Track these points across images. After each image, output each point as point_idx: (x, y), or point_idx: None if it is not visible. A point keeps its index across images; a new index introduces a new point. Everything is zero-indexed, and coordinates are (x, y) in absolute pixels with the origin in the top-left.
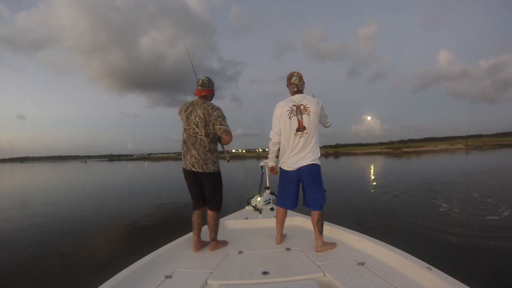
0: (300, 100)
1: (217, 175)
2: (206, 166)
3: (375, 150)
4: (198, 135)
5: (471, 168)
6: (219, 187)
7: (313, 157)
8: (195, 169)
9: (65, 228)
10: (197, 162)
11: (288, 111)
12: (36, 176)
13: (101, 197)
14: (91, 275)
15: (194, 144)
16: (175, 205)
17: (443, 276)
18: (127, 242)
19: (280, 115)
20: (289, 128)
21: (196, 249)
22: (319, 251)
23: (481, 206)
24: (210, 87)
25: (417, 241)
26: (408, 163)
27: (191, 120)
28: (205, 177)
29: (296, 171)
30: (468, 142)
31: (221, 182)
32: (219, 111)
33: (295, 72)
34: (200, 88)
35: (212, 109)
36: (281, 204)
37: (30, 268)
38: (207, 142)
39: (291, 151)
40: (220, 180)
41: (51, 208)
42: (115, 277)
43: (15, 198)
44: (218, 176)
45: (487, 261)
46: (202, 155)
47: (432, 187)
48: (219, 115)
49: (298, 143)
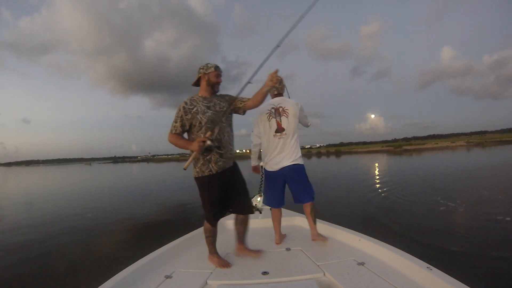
0: (279, 102)
1: (196, 181)
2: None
3: (376, 148)
4: None
5: (470, 166)
6: (201, 196)
7: (294, 157)
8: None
9: (69, 230)
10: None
11: (267, 114)
12: (40, 179)
13: (104, 199)
14: (91, 276)
15: None
16: (177, 205)
17: (443, 276)
18: (128, 243)
19: (259, 118)
20: (269, 130)
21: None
22: (315, 239)
23: (481, 205)
24: (199, 73)
25: (417, 241)
26: (407, 161)
27: None
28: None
29: (279, 171)
30: (470, 139)
31: (201, 195)
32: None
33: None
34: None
35: None
36: (268, 202)
37: (33, 269)
38: None
39: (272, 152)
40: (200, 189)
41: (55, 210)
42: (115, 277)
43: (20, 201)
44: (198, 183)
45: (487, 261)
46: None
47: (430, 185)
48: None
49: (278, 144)
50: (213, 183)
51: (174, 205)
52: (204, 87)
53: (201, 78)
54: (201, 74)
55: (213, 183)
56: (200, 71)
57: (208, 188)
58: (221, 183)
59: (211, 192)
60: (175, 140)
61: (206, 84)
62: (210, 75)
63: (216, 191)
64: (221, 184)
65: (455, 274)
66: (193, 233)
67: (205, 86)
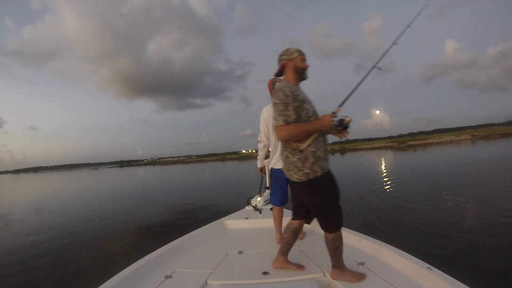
0: None
1: (306, 185)
2: (289, 174)
3: (381, 144)
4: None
5: (470, 160)
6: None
7: None
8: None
9: (73, 232)
10: (283, 167)
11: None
12: (48, 185)
13: (108, 202)
14: (91, 276)
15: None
16: (177, 206)
17: (443, 276)
18: (129, 243)
19: (267, 118)
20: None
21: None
22: (302, 238)
23: (481, 204)
24: (282, 60)
25: (417, 241)
26: (410, 157)
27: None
28: (294, 187)
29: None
30: (476, 132)
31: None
32: (276, 95)
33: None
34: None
35: (273, 94)
36: (275, 201)
37: (34, 269)
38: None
39: (277, 151)
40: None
41: (62, 215)
42: (115, 277)
43: (29, 207)
44: (309, 187)
45: (487, 261)
46: (283, 157)
47: (433, 181)
48: (274, 102)
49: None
50: (333, 181)
51: (175, 206)
52: (292, 76)
53: (285, 66)
54: (284, 62)
55: (334, 180)
56: (282, 58)
57: (331, 187)
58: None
59: (336, 191)
60: (295, 129)
61: (294, 72)
62: (296, 61)
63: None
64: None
65: (455, 274)
66: (193, 233)
67: (293, 74)
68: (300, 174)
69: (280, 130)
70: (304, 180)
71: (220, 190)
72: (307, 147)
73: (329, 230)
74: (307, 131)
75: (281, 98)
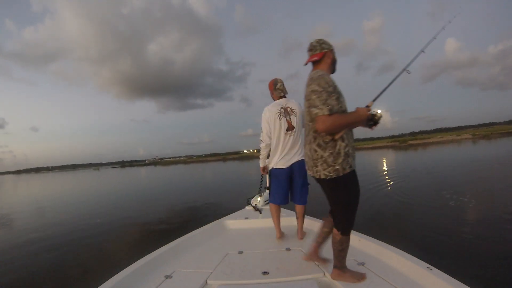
0: (286, 103)
1: (334, 182)
2: (316, 169)
3: (382, 144)
4: (309, 122)
5: (473, 160)
6: (341, 199)
7: (302, 153)
8: (308, 170)
9: (78, 232)
10: (308, 161)
11: (277, 113)
12: (50, 185)
13: (111, 203)
14: (91, 276)
15: (306, 136)
16: (177, 206)
17: (443, 276)
18: (129, 243)
19: (269, 118)
20: (279, 128)
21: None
22: (302, 238)
23: (481, 204)
24: (324, 49)
25: (417, 241)
26: (411, 156)
27: (304, 103)
28: (319, 182)
29: (288, 168)
30: (477, 131)
31: (347, 192)
32: (316, 82)
33: (278, 78)
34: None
35: (310, 81)
36: (275, 201)
37: (35, 268)
38: (317, 132)
39: (282, 150)
40: (341, 191)
41: (63, 215)
42: (115, 277)
43: (31, 207)
44: (336, 184)
45: (487, 261)
46: (310, 152)
47: (433, 180)
48: (314, 90)
49: (288, 141)
50: (357, 181)
51: (175, 206)
52: (327, 67)
53: (325, 54)
54: (326, 50)
55: (357, 182)
56: (323, 46)
57: (355, 187)
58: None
59: (358, 191)
60: (338, 119)
61: (331, 63)
62: (334, 52)
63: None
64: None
65: (455, 274)
66: (193, 233)
67: (329, 65)
68: (330, 170)
69: (323, 120)
70: (332, 177)
71: (220, 190)
72: (340, 142)
73: (342, 230)
74: (348, 123)
75: (324, 86)
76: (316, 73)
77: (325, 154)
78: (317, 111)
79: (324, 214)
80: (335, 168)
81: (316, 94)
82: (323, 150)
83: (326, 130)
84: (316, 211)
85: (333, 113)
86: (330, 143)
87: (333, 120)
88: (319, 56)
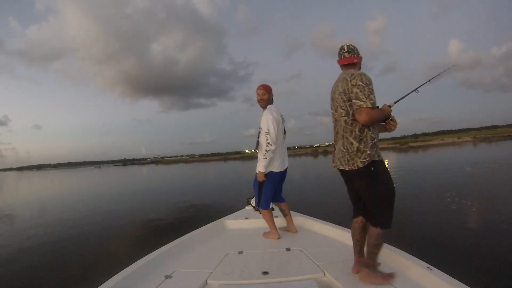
0: (278, 109)
1: (370, 172)
2: (353, 161)
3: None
4: (342, 116)
5: (472, 162)
6: (378, 187)
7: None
8: (342, 167)
9: (78, 232)
10: (343, 156)
11: (281, 116)
12: (50, 182)
13: (112, 201)
14: (92, 276)
15: (339, 131)
16: (177, 206)
17: (443, 276)
18: (129, 243)
19: (277, 119)
20: (281, 132)
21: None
22: (296, 231)
23: (481, 204)
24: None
25: (417, 241)
26: (411, 158)
27: (335, 100)
28: (355, 177)
29: (284, 171)
30: (476, 134)
31: (383, 182)
32: (359, 78)
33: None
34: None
35: (350, 76)
36: (267, 206)
37: (36, 268)
38: (350, 126)
39: (280, 154)
40: (378, 180)
41: (64, 214)
42: (115, 277)
43: (29, 205)
44: (373, 174)
45: (487, 261)
46: (346, 146)
47: (434, 182)
48: (357, 84)
49: (284, 146)
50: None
51: (175, 206)
52: (356, 68)
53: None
54: (358, 56)
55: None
56: (356, 51)
57: (389, 174)
58: None
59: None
60: (378, 113)
61: (359, 67)
62: (361, 61)
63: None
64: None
65: (455, 274)
66: (193, 233)
67: (358, 68)
68: (365, 156)
69: (367, 112)
70: (368, 162)
71: (220, 190)
72: (371, 133)
73: (384, 223)
74: (381, 118)
75: (366, 83)
76: (355, 71)
77: (361, 145)
78: (361, 103)
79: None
80: (369, 153)
81: (360, 88)
82: (358, 141)
83: (368, 121)
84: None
85: (375, 107)
86: (364, 134)
87: (374, 113)
88: (358, 59)
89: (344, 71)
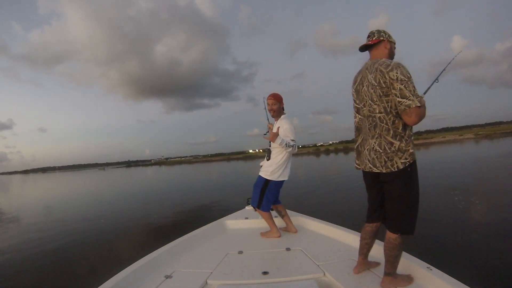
0: None
1: (408, 173)
2: (391, 163)
3: None
4: (377, 113)
5: (474, 160)
6: (410, 192)
7: None
8: (376, 169)
9: (80, 232)
10: (379, 157)
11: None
12: (55, 185)
13: (114, 202)
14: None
15: (371, 129)
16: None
17: (443, 276)
18: (129, 243)
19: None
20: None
21: (356, 271)
22: (296, 231)
23: (481, 204)
24: (382, 36)
25: (417, 241)
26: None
27: (363, 92)
28: (391, 180)
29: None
30: (478, 131)
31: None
32: (399, 70)
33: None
34: (367, 40)
35: (387, 67)
36: (268, 209)
37: (37, 268)
38: (391, 123)
39: (289, 162)
40: (412, 182)
41: (68, 215)
42: (115, 277)
43: (34, 207)
44: (411, 175)
45: (487, 261)
46: (383, 146)
47: (434, 180)
48: (399, 79)
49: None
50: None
51: (175, 206)
52: (384, 56)
53: (381, 42)
54: (384, 38)
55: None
56: (382, 35)
57: (417, 178)
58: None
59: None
60: (424, 112)
61: (388, 54)
62: (393, 46)
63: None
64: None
65: (455, 274)
66: (193, 233)
67: (386, 55)
68: (406, 156)
69: (417, 114)
70: (409, 162)
71: (220, 190)
72: (409, 130)
73: (405, 230)
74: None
75: (408, 76)
76: (387, 61)
77: (402, 144)
78: (409, 102)
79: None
80: (410, 152)
81: (403, 83)
82: (399, 140)
83: (418, 122)
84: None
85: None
86: (406, 132)
87: (423, 113)
88: (373, 41)
89: (372, 60)
